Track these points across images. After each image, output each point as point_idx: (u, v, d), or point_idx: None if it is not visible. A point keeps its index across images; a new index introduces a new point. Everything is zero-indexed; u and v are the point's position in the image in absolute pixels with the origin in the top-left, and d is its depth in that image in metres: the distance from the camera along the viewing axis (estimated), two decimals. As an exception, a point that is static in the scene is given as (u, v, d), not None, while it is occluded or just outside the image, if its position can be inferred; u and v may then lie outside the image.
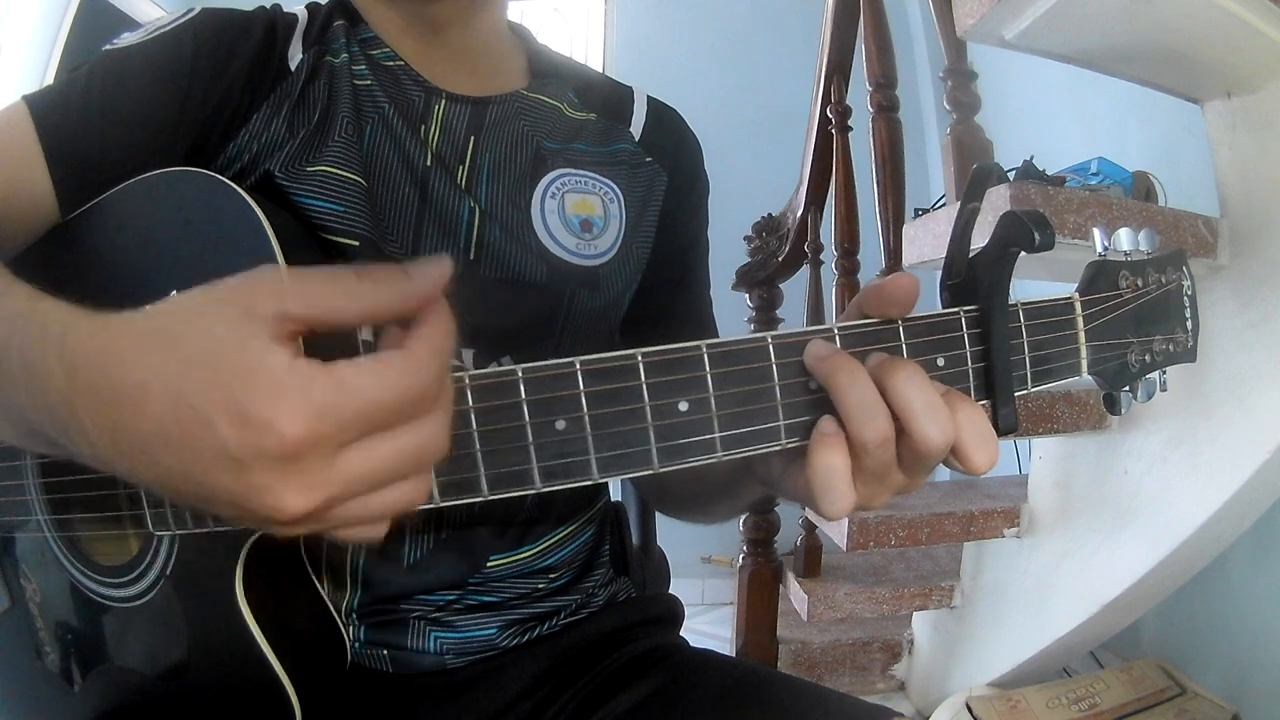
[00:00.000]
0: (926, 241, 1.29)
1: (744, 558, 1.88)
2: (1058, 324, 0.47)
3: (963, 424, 0.41)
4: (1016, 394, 0.45)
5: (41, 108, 0.59)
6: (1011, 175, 1.28)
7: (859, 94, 1.70)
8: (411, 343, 0.35)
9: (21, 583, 0.63)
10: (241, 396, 0.32)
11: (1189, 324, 0.51)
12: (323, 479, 0.34)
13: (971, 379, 0.45)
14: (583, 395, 0.41)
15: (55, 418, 0.37)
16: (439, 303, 0.37)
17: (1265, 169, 1.15)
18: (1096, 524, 1.38)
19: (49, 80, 2.48)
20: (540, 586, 0.71)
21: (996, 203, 1.07)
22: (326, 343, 0.36)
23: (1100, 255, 0.49)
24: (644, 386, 0.41)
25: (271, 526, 0.35)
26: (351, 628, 0.64)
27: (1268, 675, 1.39)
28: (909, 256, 1.35)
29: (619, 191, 0.73)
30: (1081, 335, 0.47)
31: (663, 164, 0.77)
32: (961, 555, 1.70)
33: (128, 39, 0.63)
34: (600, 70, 0.86)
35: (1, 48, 2.38)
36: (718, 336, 0.43)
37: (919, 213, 1.41)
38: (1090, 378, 0.49)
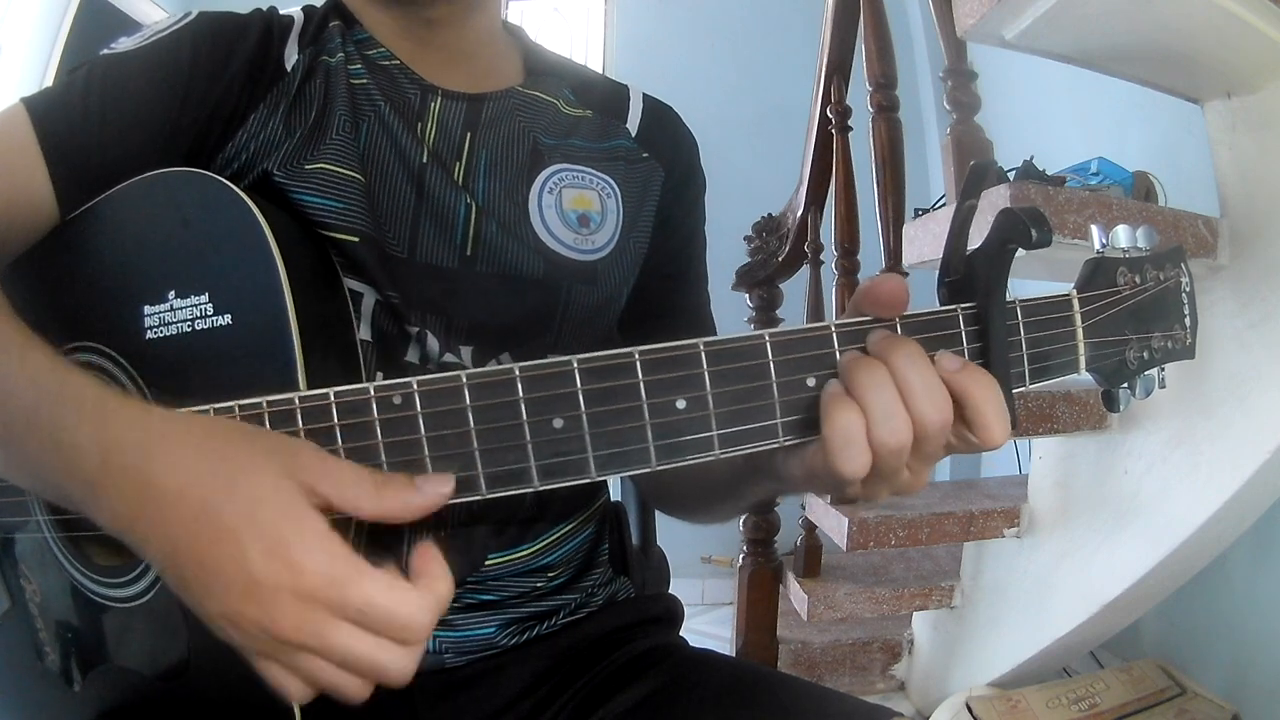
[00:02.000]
0: (926, 241, 1.29)
1: (744, 558, 1.87)
2: (1055, 321, 0.47)
3: (986, 397, 0.42)
4: (1015, 391, 0.45)
5: (40, 110, 0.59)
6: (1011, 175, 1.28)
7: (859, 94, 1.70)
8: (430, 583, 0.41)
9: (21, 583, 0.63)
10: (282, 531, 0.38)
11: (1187, 321, 0.51)
12: (314, 629, 0.38)
13: (972, 370, 0.45)
14: (580, 393, 0.41)
15: (82, 490, 0.42)
16: (446, 572, 0.42)
17: (1265, 169, 1.15)
18: (1096, 524, 1.38)
19: (49, 80, 2.48)
20: (539, 585, 0.71)
21: (996, 203, 1.07)
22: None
23: (1098, 252, 0.49)
24: (641, 385, 0.41)
25: (247, 638, 0.40)
26: (350, 627, 0.64)
27: (1268, 675, 1.39)
28: (909, 256, 1.35)
29: (616, 187, 0.73)
30: (1079, 332, 0.47)
31: (659, 160, 0.77)
32: (961, 555, 1.70)
33: (125, 43, 0.63)
34: (599, 70, 0.86)
35: (1, 48, 2.38)
36: (716, 333, 0.43)
37: (919, 213, 1.41)
38: (1089, 375, 0.49)
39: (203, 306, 0.52)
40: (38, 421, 0.43)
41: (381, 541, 0.45)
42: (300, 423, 0.43)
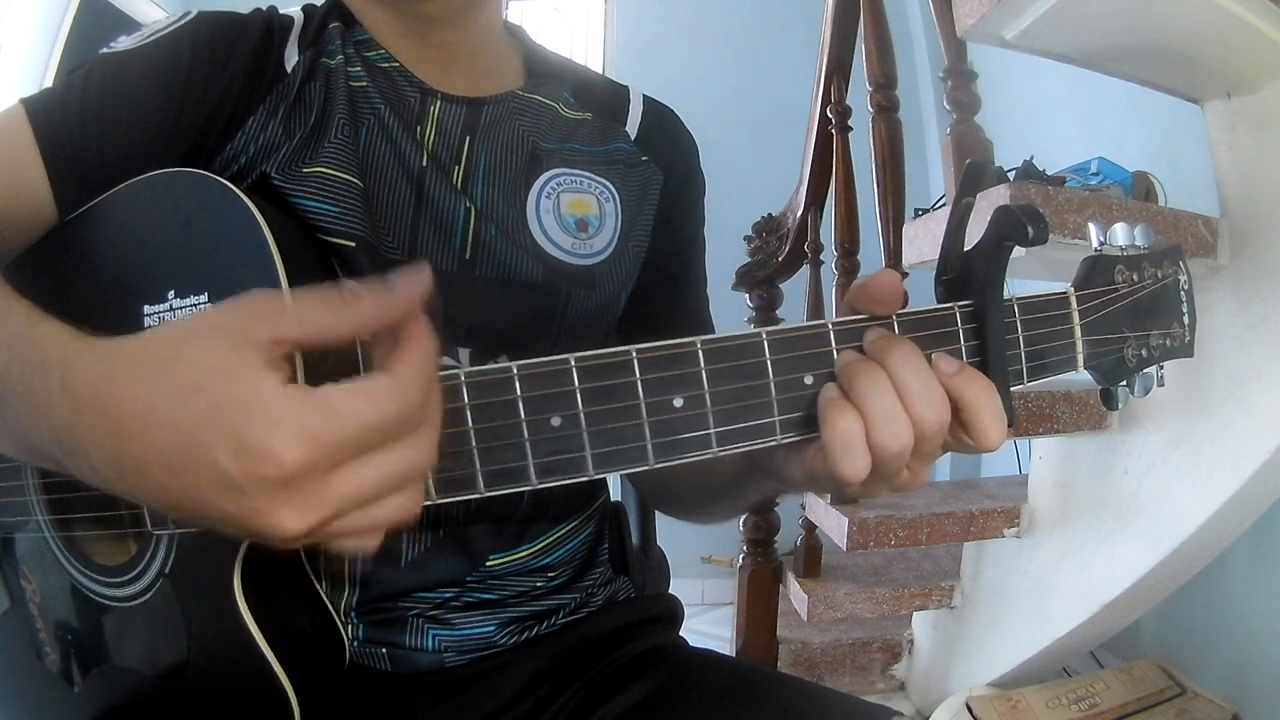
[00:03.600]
0: (926, 241, 1.29)
1: (744, 558, 1.87)
2: (1053, 318, 0.47)
3: (980, 400, 0.42)
4: (1012, 389, 0.45)
5: (39, 110, 0.59)
6: (1011, 175, 1.28)
7: (859, 94, 1.70)
8: (396, 364, 0.37)
9: (21, 583, 0.63)
10: (238, 426, 0.34)
11: (1186, 319, 0.51)
12: (319, 500, 0.35)
13: (969, 371, 0.45)
14: (578, 392, 0.41)
15: (59, 443, 0.39)
16: (420, 320, 0.38)
17: (1265, 169, 1.15)
18: (1096, 524, 1.38)
19: (49, 81, 2.48)
20: (539, 585, 0.71)
21: (996, 203, 1.07)
22: (326, 358, 0.38)
23: (1096, 250, 0.49)
24: (639, 383, 0.41)
25: (272, 542, 0.37)
26: (350, 626, 0.64)
27: (1268, 675, 1.39)
28: (909, 256, 1.35)
29: (615, 191, 0.73)
30: (1077, 330, 0.47)
31: (659, 163, 0.77)
32: (961, 555, 1.70)
33: (125, 43, 0.63)
34: (599, 70, 0.86)
35: (1, 48, 2.38)
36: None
37: (919, 213, 1.41)
38: (1087, 374, 0.49)
39: (202, 307, 0.52)
40: (11, 382, 0.41)
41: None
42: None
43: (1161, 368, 0.51)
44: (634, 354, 0.41)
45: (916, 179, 1.72)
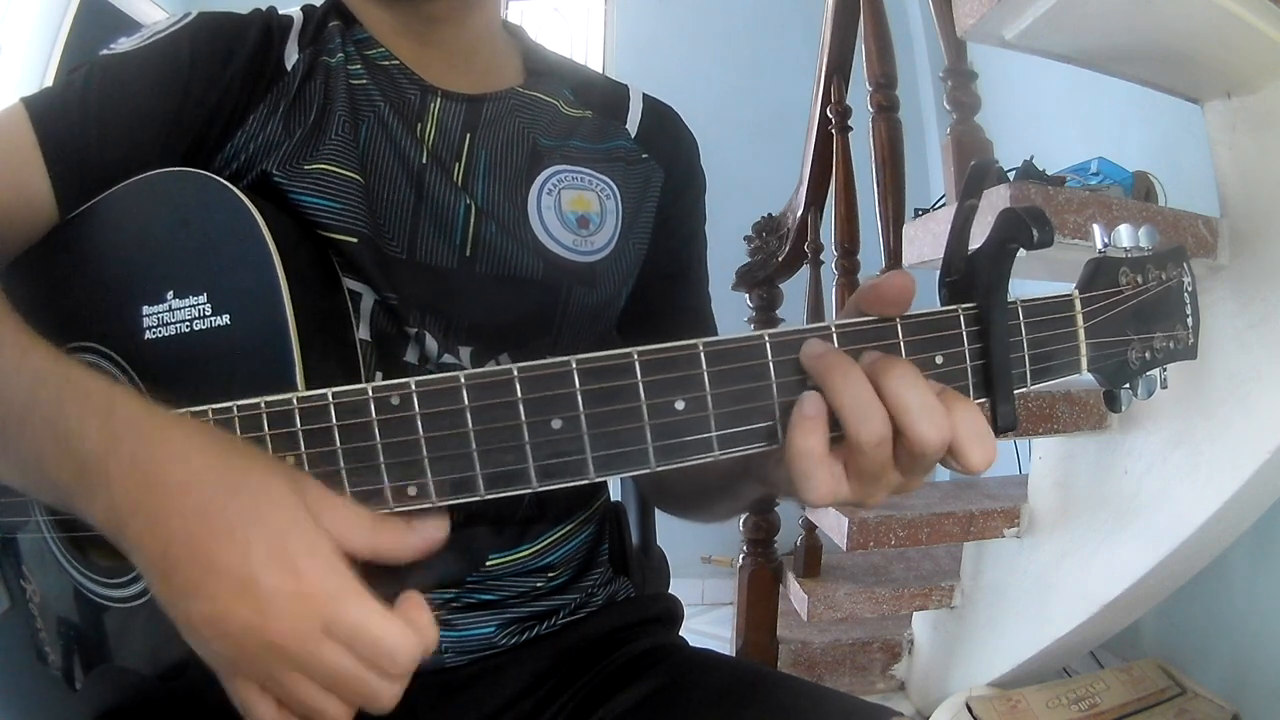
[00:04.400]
0: (926, 241, 1.29)
1: (744, 558, 1.87)
2: (1057, 321, 0.47)
3: (959, 423, 0.41)
4: (1016, 392, 0.44)
5: (40, 110, 0.59)
6: (1011, 175, 1.28)
7: (859, 94, 1.70)
8: (416, 626, 0.40)
9: (21, 583, 0.63)
10: (288, 538, 0.38)
11: (1189, 321, 0.51)
12: (308, 632, 0.38)
13: (970, 377, 0.45)
14: (578, 394, 0.40)
15: (82, 476, 0.41)
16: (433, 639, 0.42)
17: (1265, 169, 1.15)
18: (1096, 524, 1.38)
19: (49, 80, 2.48)
20: (539, 585, 0.71)
21: (996, 203, 1.07)
22: (327, 361, 0.40)
23: (1100, 252, 0.49)
24: (640, 385, 0.41)
25: (229, 645, 0.39)
26: (350, 627, 0.64)
27: (1268, 675, 1.39)
28: (909, 256, 1.35)
29: (615, 188, 0.73)
30: (1081, 332, 0.47)
31: (659, 161, 0.77)
32: (961, 555, 1.70)
33: (125, 43, 0.63)
34: (599, 70, 0.86)
35: (1, 48, 2.38)
36: (716, 333, 0.43)
37: (919, 213, 1.41)
38: (1090, 375, 0.49)
39: (201, 307, 0.51)
40: (35, 413, 0.42)
41: (377, 572, 0.44)
42: (298, 423, 0.42)
43: (1165, 370, 0.51)
44: (635, 356, 0.41)
45: (916, 179, 1.71)
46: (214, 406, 0.44)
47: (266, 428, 0.43)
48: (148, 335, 0.53)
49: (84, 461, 0.40)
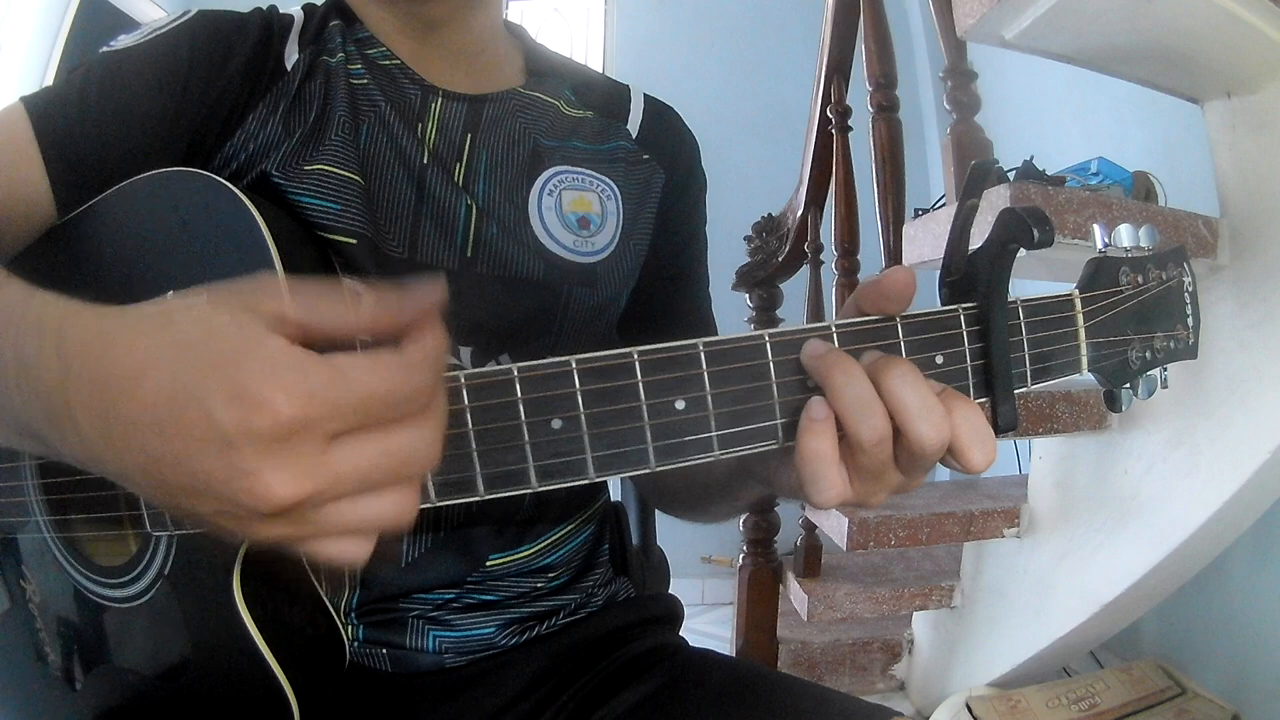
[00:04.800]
0: (927, 241, 1.29)
1: (744, 558, 1.87)
2: (1057, 321, 0.47)
3: (959, 423, 0.41)
4: (1016, 391, 0.44)
5: (39, 109, 0.59)
6: (1011, 175, 1.28)
7: (859, 94, 1.70)
8: (407, 345, 0.35)
9: (21, 584, 0.63)
10: (237, 374, 0.32)
11: (1190, 320, 0.51)
12: (312, 466, 0.32)
13: (970, 376, 0.45)
14: (579, 394, 0.40)
15: (48, 409, 0.37)
16: (433, 317, 0.36)
17: (1265, 169, 1.15)
18: (1096, 524, 1.38)
19: (49, 80, 2.48)
20: (539, 585, 0.71)
21: (996, 203, 1.07)
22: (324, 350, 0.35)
23: (1100, 252, 0.49)
24: (640, 385, 0.41)
25: (253, 522, 0.34)
26: (350, 627, 0.64)
27: (1268, 675, 1.39)
28: (909, 256, 1.35)
29: (616, 189, 0.73)
30: (1081, 332, 0.47)
31: (660, 162, 0.77)
32: (961, 555, 1.70)
33: (124, 41, 0.63)
34: (599, 70, 0.86)
35: (1, 47, 2.38)
36: (717, 334, 0.43)
37: (919, 213, 1.41)
38: (1090, 375, 0.49)
39: (202, 306, 0.51)
40: (2, 352, 0.39)
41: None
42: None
43: (1165, 370, 0.51)
44: (635, 356, 0.41)
45: (916, 179, 1.71)
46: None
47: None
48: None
49: (47, 398, 0.37)
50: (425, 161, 0.66)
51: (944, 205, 1.47)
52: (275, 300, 0.34)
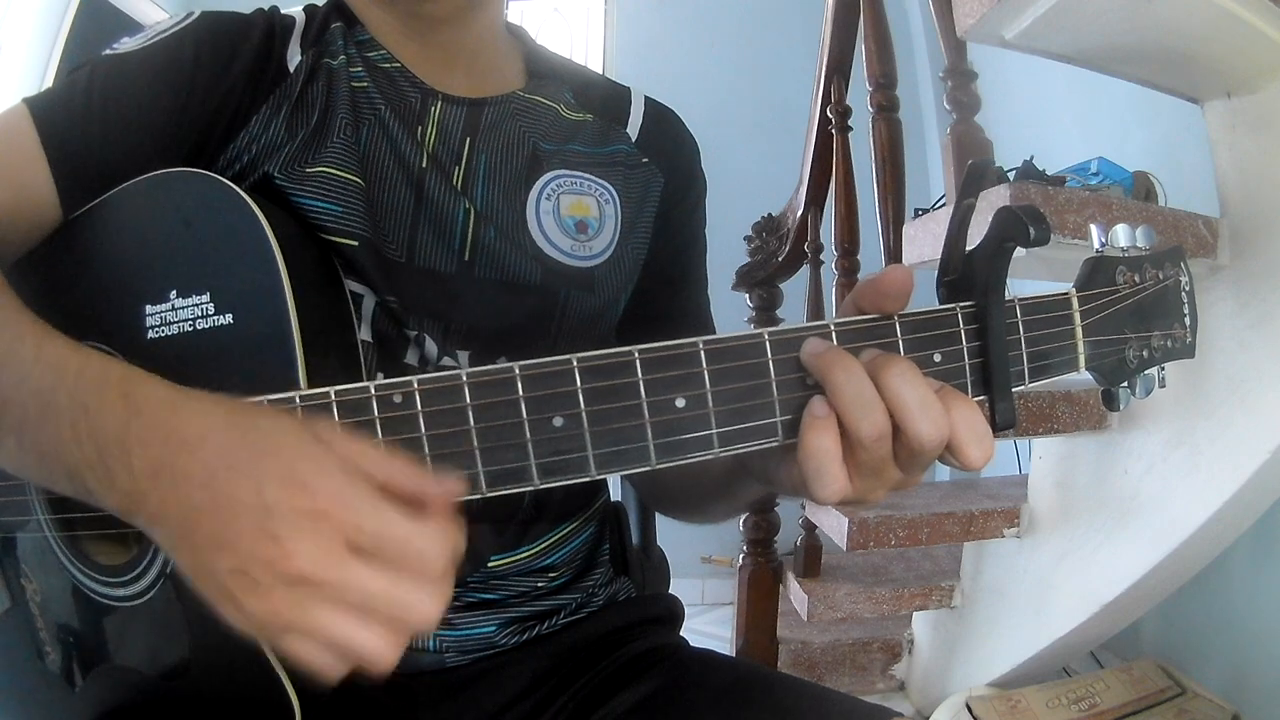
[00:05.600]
0: (926, 241, 1.29)
1: (744, 558, 1.87)
2: (1055, 320, 0.47)
3: (957, 420, 0.41)
4: (1014, 389, 0.45)
5: (43, 110, 0.59)
6: (1011, 175, 1.28)
7: (859, 94, 1.70)
8: (440, 522, 0.39)
9: (22, 583, 0.63)
10: (293, 463, 0.37)
11: (1187, 320, 0.51)
12: (331, 554, 0.36)
13: (968, 375, 0.45)
14: (580, 392, 0.41)
15: (102, 449, 0.41)
16: (455, 514, 0.40)
17: (1265, 169, 1.15)
18: (1096, 524, 1.38)
19: (49, 81, 2.48)
20: (540, 585, 0.71)
21: (996, 203, 1.07)
22: (327, 361, 0.39)
23: (1097, 251, 0.49)
24: (641, 383, 0.41)
25: (259, 590, 0.37)
26: (351, 626, 0.64)
27: (1268, 675, 1.39)
28: (909, 256, 1.35)
29: (615, 193, 0.73)
30: (1079, 331, 0.47)
31: (660, 165, 0.77)
32: (961, 555, 1.70)
33: (127, 43, 0.63)
34: (600, 71, 0.86)
35: (1, 48, 2.38)
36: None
37: (919, 213, 1.41)
38: (1088, 374, 0.49)
39: (204, 306, 0.52)
40: (55, 401, 0.43)
41: None
42: (301, 421, 0.42)
43: (1163, 368, 0.51)
44: (636, 354, 0.41)
45: (916, 179, 1.71)
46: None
47: (269, 426, 0.43)
48: (150, 334, 0.53)
49: (104, 439, 0.41)
50: (424, 165, 0.66)
51: (944, 205, 1.47)
52: (338, 436, 0.40)
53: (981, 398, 0.45)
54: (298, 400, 0.43)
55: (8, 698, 0.67)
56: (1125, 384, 0.50)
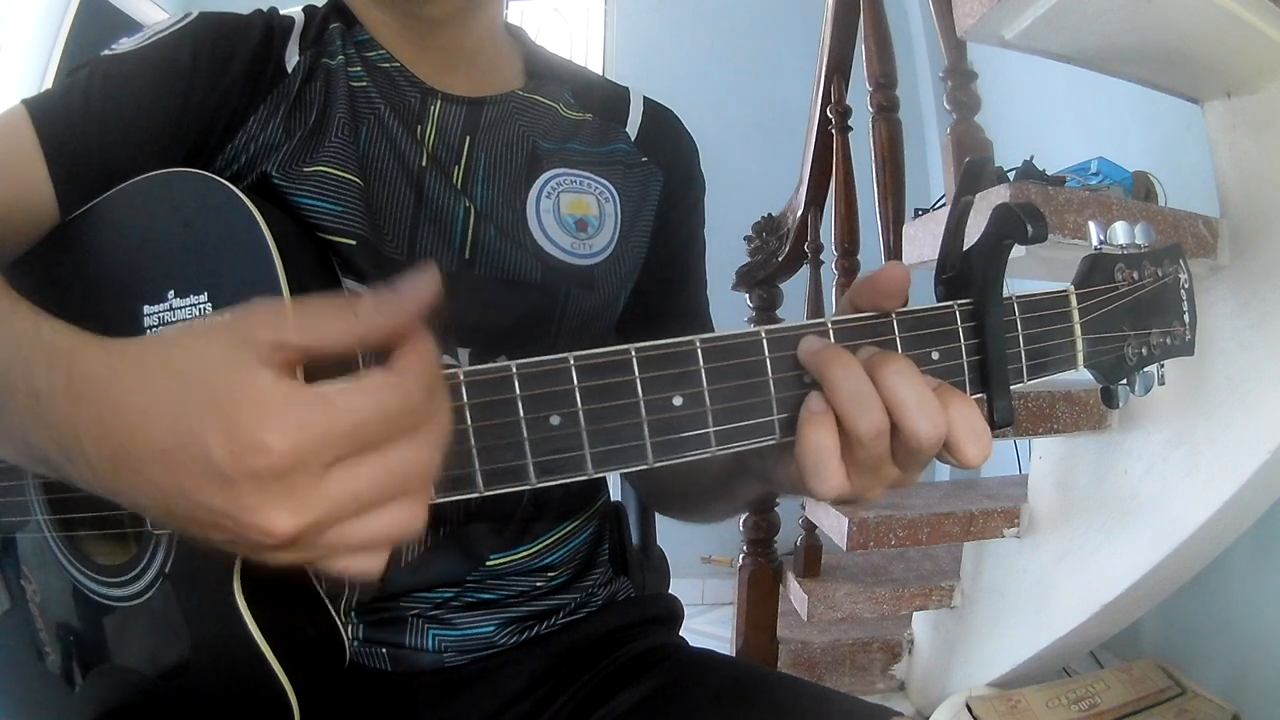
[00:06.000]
0: (927, 241, 1.29)
1: (744, 558, 1.87)
2: (1053, 317, 0.47)
3: (955, 418, 0.41)
4: (1012, 387, 0.45)
5: (41, 111, 0.59)
6: (1011, 175, 1.28)
7: (859, 94, 1.70)
8: (395, 361, 0.36)
9: (21, 583, 0.63)
10: (231, 416, 0.33)
11: (1186, 317, 0.51)
12: (311, 498, 0.34)
13: (966, 372, 0.45)
14: (577, 390, 0.41)
15: (58, 440, 0.38)
16: (420, 326, 0.37)
17: (1265, 169, 1.15)
18: (1096, 524, 1.38)
19: (49, 81, 2.48)
20: (539, 585, 0.71)
21: (995, 202, 1.07)
22: (327, 370, 0.36)
23: (1095, 249, 0.49)
24: (638, 381, 0.41)
25: (263, 551, 0.35)
26: (350, 626, 0.64)
27: (1268, 675, 1.38)
28: (909, 256, 1.35)
29: (615, 191, 0.73)
30: (1077, 328, 0.47)
31: (659, 164, 0.77)
32: (961, 555, 1.69)
33: (126, 44, 0.63)
34: (599, 71, 0.86)
35: (1, 48, 2.38)
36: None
37: (919, 213, 1.41)
38: (1087, 372, 0.49)
39: (202, 306, 0.52)
40: (15, 385, 0.40)
41: None
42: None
43: (1162, 366, 0.51)
44: (633, 353, 0.41)
45: (916, 179, 1.72)
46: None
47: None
48: (149, 334, 0.53)
49: (58, 429, 0.38)
50: (424, 164, 0.66)
51: (944, 205, 1.46)
52: (270, 328, 0.35)
53: (979, 396, 0.45)
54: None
55: (8, 698, 0.67)
56: (1124, 381, 0.49)
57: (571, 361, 0.41)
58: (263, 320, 0.35)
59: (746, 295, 2.04)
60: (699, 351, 0.42)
